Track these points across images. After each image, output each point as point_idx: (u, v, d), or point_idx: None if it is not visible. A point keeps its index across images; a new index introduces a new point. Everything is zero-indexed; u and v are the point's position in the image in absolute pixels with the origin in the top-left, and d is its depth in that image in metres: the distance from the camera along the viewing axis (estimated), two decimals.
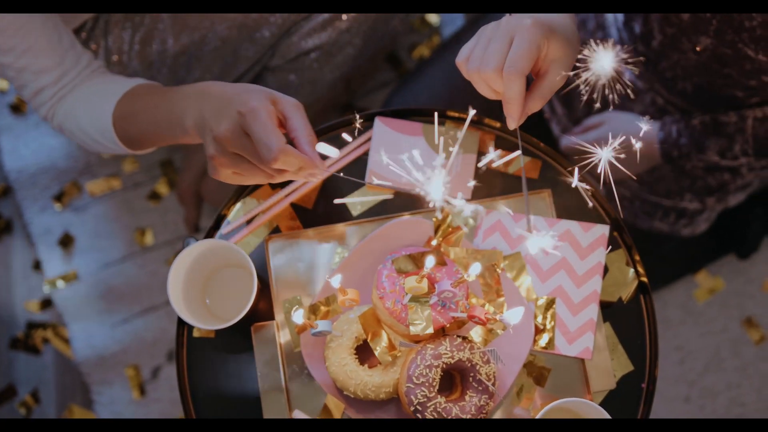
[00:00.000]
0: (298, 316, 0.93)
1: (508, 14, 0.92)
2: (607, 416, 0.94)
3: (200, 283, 1.07)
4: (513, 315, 0.90)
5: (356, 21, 1.37)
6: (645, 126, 1.35)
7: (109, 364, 1.77)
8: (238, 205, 1.10)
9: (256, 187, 1.11)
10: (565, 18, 0.92)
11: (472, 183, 1.09)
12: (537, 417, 0.94)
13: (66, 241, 1.82)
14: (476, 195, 1.10)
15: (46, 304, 1.81)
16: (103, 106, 1.04)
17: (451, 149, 1.10)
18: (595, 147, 1.42)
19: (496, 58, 0.87)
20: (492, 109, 1.14)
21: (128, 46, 1.30)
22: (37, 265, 1.83)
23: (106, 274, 1.81)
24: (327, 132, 1.13)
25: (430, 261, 0.91)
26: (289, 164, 0.87)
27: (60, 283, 1.80)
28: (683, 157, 1.31)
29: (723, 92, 1.22)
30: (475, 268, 0.92)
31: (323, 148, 0.90)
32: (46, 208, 1.84)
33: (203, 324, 0.99)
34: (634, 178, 1.42)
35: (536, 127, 1.51)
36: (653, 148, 1.34)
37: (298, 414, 1.02)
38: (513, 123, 0.92)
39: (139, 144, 1.06)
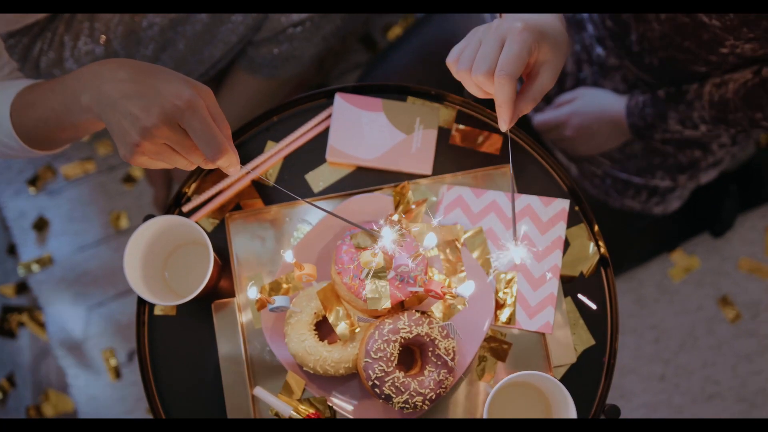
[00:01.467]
0: (253, 292, 0.92)
1: (498, 17, 0.92)
2: (563, 388, 0.94)
3: (160, 260, 1.07)
4: (465, 288, 0.90)
5: None
6: (614, 99, 1.36)
7: (84, 347, 1.77)
8: (198, 182, 1.10)
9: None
10: (554, 20, 0.93)
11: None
12: (494, 390, 0.94)
13: (41, 225, 1.81)
14: (438, 170, 1.09)
15: (21, 288, 1.80)
16: (2, 98, 0.99)
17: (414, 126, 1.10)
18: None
19: (487, 61, 0.88)
20: (456, 84, 1.14)
21: (116, 24, 1.29)
22: (11, 249, 1.83)
23: (81, 258, 1.80)
24: (291, 107, 1.12)
25: (386, 233, 0.91)
26: (227, 162, 0.88)
27: (35, 267, 1.79)
28: (649, 127, 1.31)
29: (687, 68, 1.22)
30: (430, 239, 0.92)
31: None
32: (20, 192, 1.83)
33: (158, 300, 0.98)
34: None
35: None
36: (623, 123, 1.34)
37: (259, 391, 1.02)
38: (504, 125, 0.92)
39: (41, 138, 1.00)
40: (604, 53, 1.37)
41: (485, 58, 0.88)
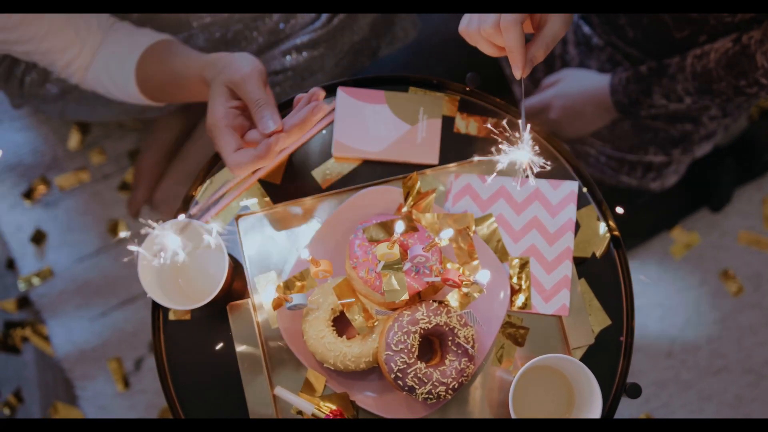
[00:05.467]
0: (272, 291, 0.92)
1: None
2: (587, 369, 0.94)
3: (174, 265, 1.06)
4: (482, 275, 0.90)
5: (330, 48, 1.36)
6: (598, 78, 1.36)
7: (90, 358, 1.76)
8: (206, 184, 1.09)
9: (223, 165, 1.09)
10: None
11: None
12: (517, 375, 0.94)
13: (38, 238, 1.80)
14: (444, 159, 1.09)
15: (23, 302, 1.79)
16: (124, 74, 1.16)
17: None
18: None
19: (494, 15, 0.88)
20: (457, 73, 1.14)
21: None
22: (10, 264, 1.81)
23: (81, 268, 1.79)
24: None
25: (399, 226, 0.91)
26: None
27: (35, 281, 1.78)
28: (634, 103, 1.32)
29: (672, 34, 1.22)
30: (447, 233, 0.92)
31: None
32: (15, 205, 1.81)
33: (176, 304, 0.97)
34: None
35: (499, 92, 1.51)
36: (607, 101, 1.34)
37: (280, 391, 1.01)
38: (518, 72, 0.92)
39: (158, 95, 1.19)
40: (591, 31, 1.38)
41: (490, 14, 0.89)
